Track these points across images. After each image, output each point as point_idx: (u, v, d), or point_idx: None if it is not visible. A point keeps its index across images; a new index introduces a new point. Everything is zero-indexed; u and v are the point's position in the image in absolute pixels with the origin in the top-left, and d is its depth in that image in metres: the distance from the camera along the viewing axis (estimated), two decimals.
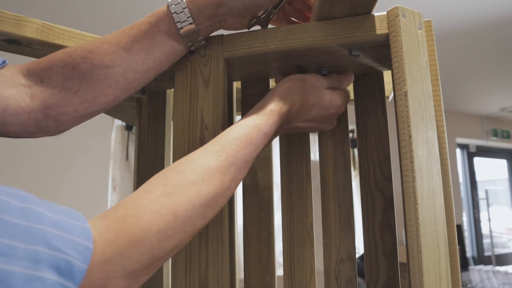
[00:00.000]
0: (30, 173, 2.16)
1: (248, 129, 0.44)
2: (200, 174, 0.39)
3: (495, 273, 3.11)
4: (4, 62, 0.47)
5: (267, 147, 0.62)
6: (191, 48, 0.51)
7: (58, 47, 0.55)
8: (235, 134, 0.44)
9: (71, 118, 0.48)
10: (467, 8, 2.13)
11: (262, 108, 0.48)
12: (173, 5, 0.47)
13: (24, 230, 0.26)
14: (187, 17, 0.47)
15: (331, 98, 0.52)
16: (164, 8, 0.48)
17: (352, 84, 0.63)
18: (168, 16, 0.47)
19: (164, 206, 0.35)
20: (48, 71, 0.46)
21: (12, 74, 0.46)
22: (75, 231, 0.28)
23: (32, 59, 0.63)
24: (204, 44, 0.52)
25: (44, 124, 0.47)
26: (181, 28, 0.48)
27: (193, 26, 0.48)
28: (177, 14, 0.47)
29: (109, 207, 2.34)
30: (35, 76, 0.46)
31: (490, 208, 4.27)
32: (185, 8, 0.47)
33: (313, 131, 0.56)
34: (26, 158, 2.16)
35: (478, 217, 4.40)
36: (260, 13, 0.53)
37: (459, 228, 3.68)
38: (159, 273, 0.67)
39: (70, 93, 0.46)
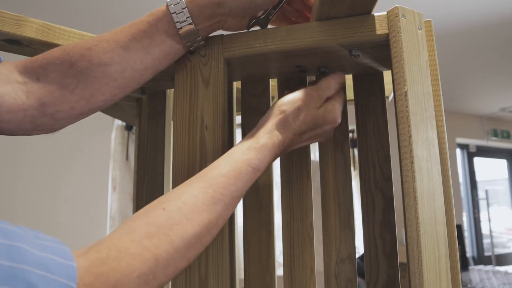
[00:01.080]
0: (30, 173, 2.16)
1: (237, 164, 0.43)
2: (185, 213, 0.37)
3: (495, 273, 3.11)
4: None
5: None
6: (190, 48, 0.51)
7: (58, 47, 0.55)
8: (223, 170, 0.42)
9: (67, 115, 0.47)
10: (467, 8, 2.13)
11: (254, 140, 0.46)
12: (172, 5, 0.47)
13: (7, 271, 0.25)
14: (187, 17, 0.47)
15: (324, 116, 0.50)
16: (164, 7, 0.48)
17: (352, 84, 0.63)
18: (167, 16, 0.47)
19: (146, 250, 0.33)
20: (45, 68, 0.46)
21: (8, 71, 0.45)
22: (60, 271, 0.28)
23: None
24: (204, 44, 0.52)
25: (39, 121, 0.47)
26: (180, 28, 0.47)
27: (192, 26, 0.48)
28: (177, 14, 0.47)
29: (109, 207, 2.34)
30: (32, 73, 0.46)
31: (490, 208, 4.27)
32: (185, 8, 0.47)
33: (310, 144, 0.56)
34: (26, 158, 2.16)
35: (478, 217, 4.40)
36: (260, 13, 0.53)
37: (459, 228, 3.68)
38: None
39: (67, 91, 0.46)
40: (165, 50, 0.49)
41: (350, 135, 2.78)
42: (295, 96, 0.49)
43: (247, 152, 0.44)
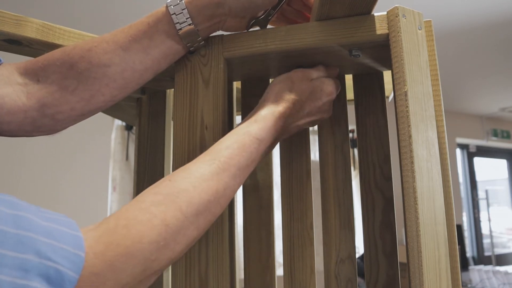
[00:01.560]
0: (31, 173, 2.16)
1: (239, 136, 0.44)
2: (191, 181, 0.38)
3: (495, 273, 3.11)
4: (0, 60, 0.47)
5: None
6: (190, 49, 0.51)
7: (58, 47, 0.55)
8: (227, 142, 0.43)
9: (67, 116, 0.47)
10: (467, 8, 2.13)
11: (254, 114, 0.48)
12: (172, 6, 0.47)
13: (14, 238, 0.25)
14: (186, 18, 0.47)
15: (321, 87, 0.52)
16: (163, 8, 0.48)
17: (352, 84, 0.63)
18: (167, 17, 0.47)
19: (154, 216, 0.33)
20: (45, 69, 0.46)
21: (8, 73, 0.46)
22: (67, 240, 0.28)
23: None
24: (204, 45, 0.52)
25: (40, 122, 0.47)
26: (180, 29, 0.47)
27: (192, 27, 0.48)
28: (176, 15, 0.47)
29: (109, 207, 2.34)
30: (32, 75, 0.46)
31: (490, 208, 4.27)
32: (184, 9, 0.47)
33: (313, 125, 0.56)
34: (27, 158, 2.16)
35: (478, 217, 4.40)
36: (260, 14, 0.53)
37: (459, 228, 3.68)
38: None
39: (67, 92, 0.46)
40: (165, 50, 0.49)
41: (350, 135, 2.78)
42: (286, 73, 0.52)
43: (248, 125, 0.46)
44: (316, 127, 0.62)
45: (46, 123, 0.47)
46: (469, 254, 4.22)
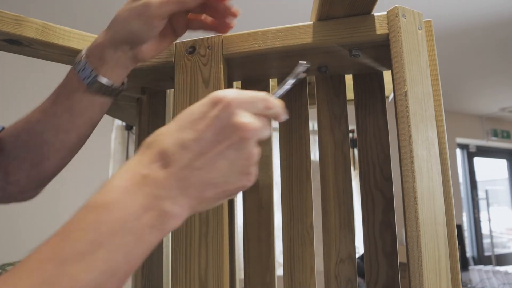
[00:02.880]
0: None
1: (77, 213, 0.30)
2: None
3: (495, 273, 3.11)
4: (3, 128, 0.52)
5: (268, 146, 0.62)
6: (115, 96, 0.50)
7: (58, 47, 0.55)
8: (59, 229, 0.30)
9: (28, 182, 0.52)
10: (467, 8, 2.13)
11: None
12: (78, 63, 0.47)
13: None
14: (91, 71, 0.47)
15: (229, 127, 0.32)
16: (72, 66, 0.49)
17: (352, 84, 0.63)
18: (76, 75, 0.48)
19: None
20: (3, 141, 0.51)
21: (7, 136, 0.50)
22: None
23: (32, 59, 0.63)
24: (124, 88, 0.51)
25: (9, 190, 0.51)
26: (88, 83, 0.47)
27: (95, 78, 0.46)
28: (82, 71, 0.47)
29: None
30: None
31: (490, 208, 4.27)
32: (86, 63, 0.47)
33: (210, 204, 0.35)
34: None
35: (478, 217, 4.40)
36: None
37: (459, 228, 3.68)
38: (159, 272, 0.67)
39: (19, 160, 0.50)
40: (87, 105, 0.49)
41: (350, 135, 2.78)
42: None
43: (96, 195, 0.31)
44: (316, 127, 0.62)
45: (13, 190, 0.52)
46: (469, 254, 4.22)
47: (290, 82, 0.40)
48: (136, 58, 0.48)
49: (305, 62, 0.42)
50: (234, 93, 0.33)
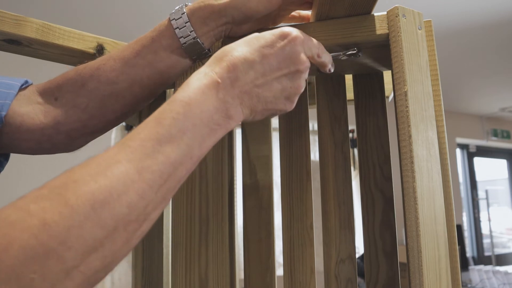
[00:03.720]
0: (30, 172, 2.16)
1: (158, 109, 0.36)
2: (88, 169, 0.29)
3: (495, 273, 3.11)
4: (26, 82, 0.49)
5: (268, 146, 0.62)
6: (197, 60, 0.51)
7: (58, 47, 0.55)
8: (145, 121, 0.35)
9: (81, 134, 0.49)
10: (467, 8, 2.13)
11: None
12: (174, 20, 0.47)
13: None
14: (190, 32, 0.47)
15: (293, 57, 0.40)
16: (166, 21, 0.47)
17: (352, 84, 0.63)
18: (170, 31, 0.47)
19: (29, 215, 0.25)
20: (60, 88, 0.48)
21: (30, 93, 0.48)
22: None
23: (32, 59, 0.63)
24: (209, 54, 0.51)
25: (56, 140, 0.49)
26: (185, 42, 0.47)
27: (196, 40, 0.47)
28: (179, 29, 0.47)
29: None
30: (50, 94, 0.48)
31: (490, 208, 4.27)
32: (187, 22, 0.46)
33: (272, 112, 0.43)
34: (26, 158, 2.16)
35: (478, 217, 4.40)
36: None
37: (459, 228, 3.69)
38: (159, 272, 0.67)
39: (79, 110, 0.48)
40: (172, 64, 0.49)
41: (350, 135, 2.78)
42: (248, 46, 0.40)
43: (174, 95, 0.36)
44: (316, 127, 0.62)
45: (61, 141, 0.49)
46: (469, 254, 4.22)
47: (337, 54, 0.49)
48: (229, 34, 0.50)
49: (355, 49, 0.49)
50: (299, 32, 0.41)
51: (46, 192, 0.27)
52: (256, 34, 0.41)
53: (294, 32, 0.41)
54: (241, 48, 0.39)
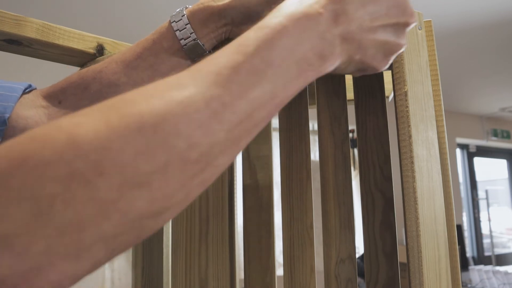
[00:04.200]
0: None
1: (249, 31, 0.31)
2: (145, 90, 0.25)
3: (495, 273, 3.11)
4: (30, 86, 0.50)
5: (268, 146, 0.62)
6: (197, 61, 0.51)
7: (58, 47, 0.55)
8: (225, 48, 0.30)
9: None
10: (467, 8, 2.13)
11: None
12: (175, 22, 0.47)
13: None
14: (190, 33, 0.47)
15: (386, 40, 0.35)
16: (166, 24, 0.48)
17: (352, 84, 0.63)
18: (171, 33, 0.47)
19: (60, 129, 0.21)
20: (64, 92, 0.49)
21: (34, 97, 0.49)
22: None
23: (32, 59, 0.63)
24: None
25: None
26: (185, 44, 0.47)
27: (196, 41, 0.47)
28: (180, 31, 0.47)
29: None
30: (53, 98, 0.49)
31: (490, 208, 4.27)
32: (188, 24, 0.47)
33: (386, 57, 0.37)
34: None
35: (478, 217, 4.40)
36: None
37: (459, 228, 3.69)
38: (159, 272, 0.67)
39: None
40: (173, 66, 0.49)
41: (350, 135, 2.78)
42: None
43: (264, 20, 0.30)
44: (316, 127, 0.62)
45: None
46: (469, 254, 4.22)
47: None
48: (229, 35, 0.50)
49: None
50: None
51: (87, 110, 0.22)
52: None
53: None
54: None
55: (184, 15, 0.47)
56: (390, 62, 0.37)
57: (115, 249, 0.21)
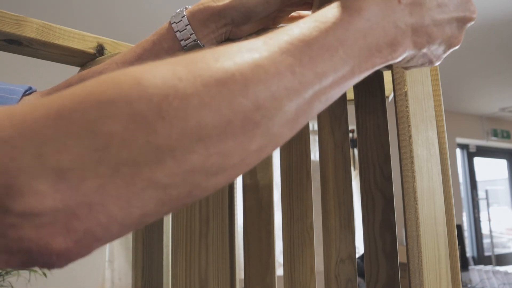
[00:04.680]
0: None
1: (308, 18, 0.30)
2: (218, 51, 0.24)
3: (495, 273, 3.11)
4: (30, 88, 0.49)
5: None
6: None
7: (58, 47, 0.55)
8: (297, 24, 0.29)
9: None
10: None
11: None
12: (175, 23, 0.47)
13: None
14: (190, 34, 0.47)
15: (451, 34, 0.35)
16: (167, 25, 0.48)
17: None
18: (171, 34, 0.47)
19: (125, 73, 0.21)
20: None
21: (34, 99, 0.48)
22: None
23: (32, 59, 0.63)
24: None
25: None
26: (186, 45, 0.47)
27: (196, 42, 0.47)
28: (180, 32, 0.47)
29: None
30: None
31: (490, 208, 4.27)
32: (188, 25, 0.47)
33: (448, 45, 0.36)
34: None
35: (478, 217, 4.41)
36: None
37: (459, 228, 3.69)
38: (159, 272, 0.67)
39: None
40: None
41: (350, 135, 2.78)
42: None
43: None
44: (316, 127, 0.62)
45: None
46: (469, 254, 4.22)
47: None
48: (229, 36, 0.50)
49: None
50: None
51: (155, 62, 0.22)
52: None
53: None
54: None
55: (184, 16, 0.47)
56: (443, 57, 0.37)
57: (165, 203, 0.21)
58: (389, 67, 0.57)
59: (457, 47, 0.37)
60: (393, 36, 0.31)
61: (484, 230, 4.37)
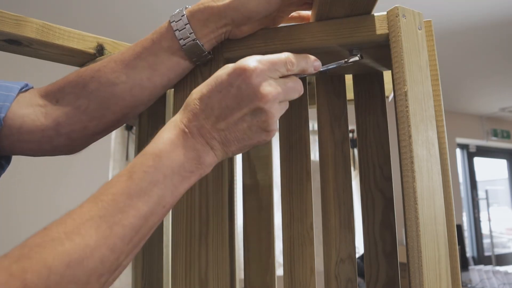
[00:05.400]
0: (30, 173, 2.16)
1: (132, 162, 0.38)
2: (65, 228, 0.31)
3: (495, 273, 3.11)
4: (27, 85, 0.50)
5: (268, 146, 0.62)
6: (197, 63, 0.51)
7: (58, 47, 0.55)
8: (118, 175, 0.37)
9: (81, 135, 0.50)
10: (467, 8, 2.13)
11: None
12: (174, 22, 0.47)
13: None
14: (190, 33, 0.47)
15: (245, 87, 0.38)
16: (166, 24, 0.48)
17: (352, 84, 0.63)
18: (170, 33, 0.47)
19: (12, 276, 0.27)
20: (62, 91, 0.49)
21: (31, 95, 0.49)
22: None
23: (32, 59, 0.63)
24: (210, 57, 0.51)
25: (56, 141, 0.49)
26: (185, 44, 0.47)
27: (195, 41, 0.47)
28: (179, 31, 0.47)
29: None
30: (51, 96, 0.49)
31: (490, 208, 4.27)
32: (187, 24, 0.46)
33: (242, 149, 0.41)
34: (26, 158, 2.16)
35: (478, 217, 4.40)
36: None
37: (459, 228, 3.69)
38: (159, 272, 0.67)
39: (80, 111, 0.48)
40: (172, 66, 0.49)
41: (350, 135, 2.78)
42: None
43: (141, 156, 0.37)
44: (316, 127, 0.62)
45: (62, 142, 0.50)
46: (469, 254, 4.22)
47: (339, 63, 0.48)
48: (229, 36, 0.50)
49: (359, 53, 0.48)
50: (256, 62, 0.38)
51: (27, 251, 0.29)
52: (215, 75, 0.40)
53: (251, 64, 0.38)
54: (201, 94, 0.39)
55: (183, 15, 0.47)
56: (273, 129, 0.40)
57: None
58: (389, 67, 0.57)
59: (274, 118, 0.39)
60: (196, 157, 0.38)
61: (484, 230, 4.37)
